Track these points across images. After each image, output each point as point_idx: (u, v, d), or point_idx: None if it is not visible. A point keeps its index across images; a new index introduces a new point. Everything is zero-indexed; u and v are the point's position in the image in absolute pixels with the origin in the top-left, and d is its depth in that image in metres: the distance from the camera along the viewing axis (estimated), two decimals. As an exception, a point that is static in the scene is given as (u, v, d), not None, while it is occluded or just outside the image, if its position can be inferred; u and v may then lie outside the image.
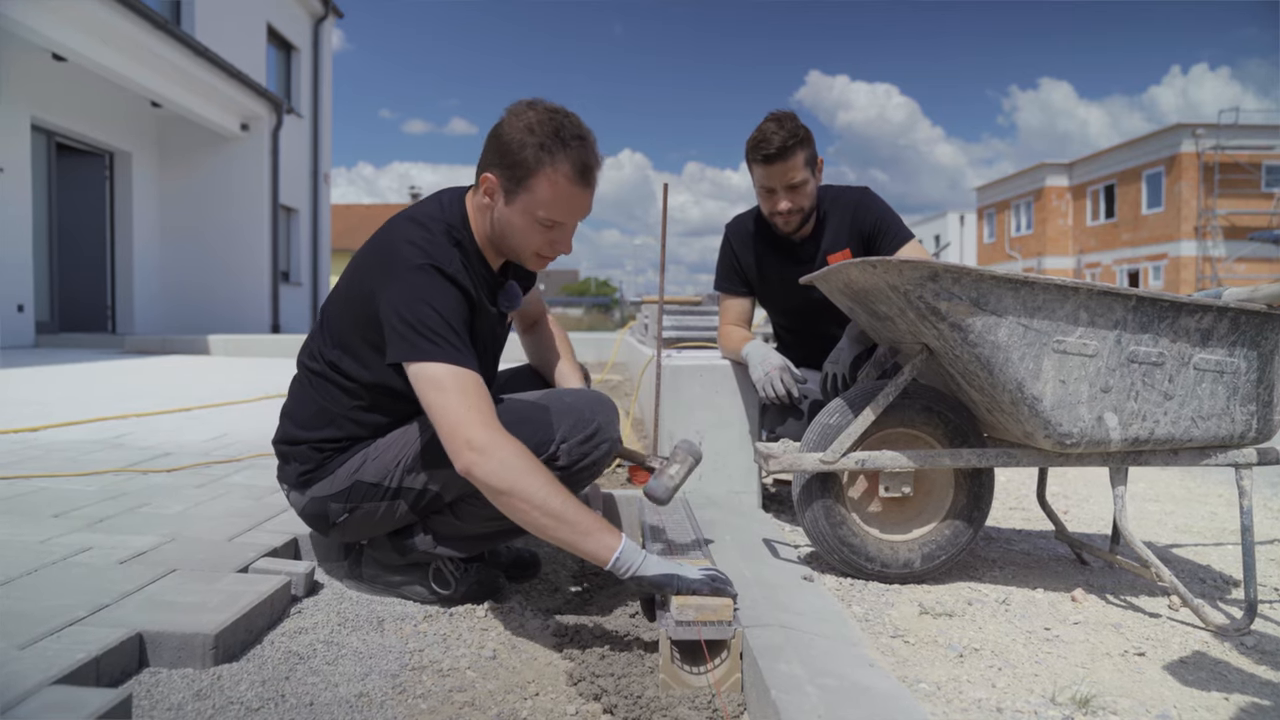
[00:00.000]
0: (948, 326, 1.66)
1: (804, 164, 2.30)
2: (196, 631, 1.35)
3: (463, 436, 1.38)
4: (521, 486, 1.36)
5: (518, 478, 1.37)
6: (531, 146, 1.51)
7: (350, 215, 33.25)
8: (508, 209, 1.58)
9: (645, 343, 5.17)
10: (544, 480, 1.38)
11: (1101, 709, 1.31)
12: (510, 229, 1.59)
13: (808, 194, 2.34)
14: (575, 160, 1.53)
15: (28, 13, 7.46)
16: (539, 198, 1.54)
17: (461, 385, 1.42)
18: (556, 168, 1.52)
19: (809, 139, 2.32)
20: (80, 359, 7.53)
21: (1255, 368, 1.74)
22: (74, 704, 1.07)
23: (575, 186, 1.55)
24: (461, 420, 1.39)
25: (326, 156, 15.77)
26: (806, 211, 2.38)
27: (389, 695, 1.32)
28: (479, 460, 1.37)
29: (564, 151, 1.52)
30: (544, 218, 1.56)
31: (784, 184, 2.31)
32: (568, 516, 1.37)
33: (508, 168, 1.54)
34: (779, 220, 2.39)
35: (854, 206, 2.44)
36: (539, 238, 1.59)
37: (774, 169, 2.29)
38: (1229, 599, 1.90)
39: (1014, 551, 2.25)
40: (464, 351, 1.46)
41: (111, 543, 1.80)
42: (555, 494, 1.37)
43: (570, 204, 1.56)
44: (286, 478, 1.72)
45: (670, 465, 1.78)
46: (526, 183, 1.54)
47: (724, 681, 1.36)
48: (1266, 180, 26.70)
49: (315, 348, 1.70)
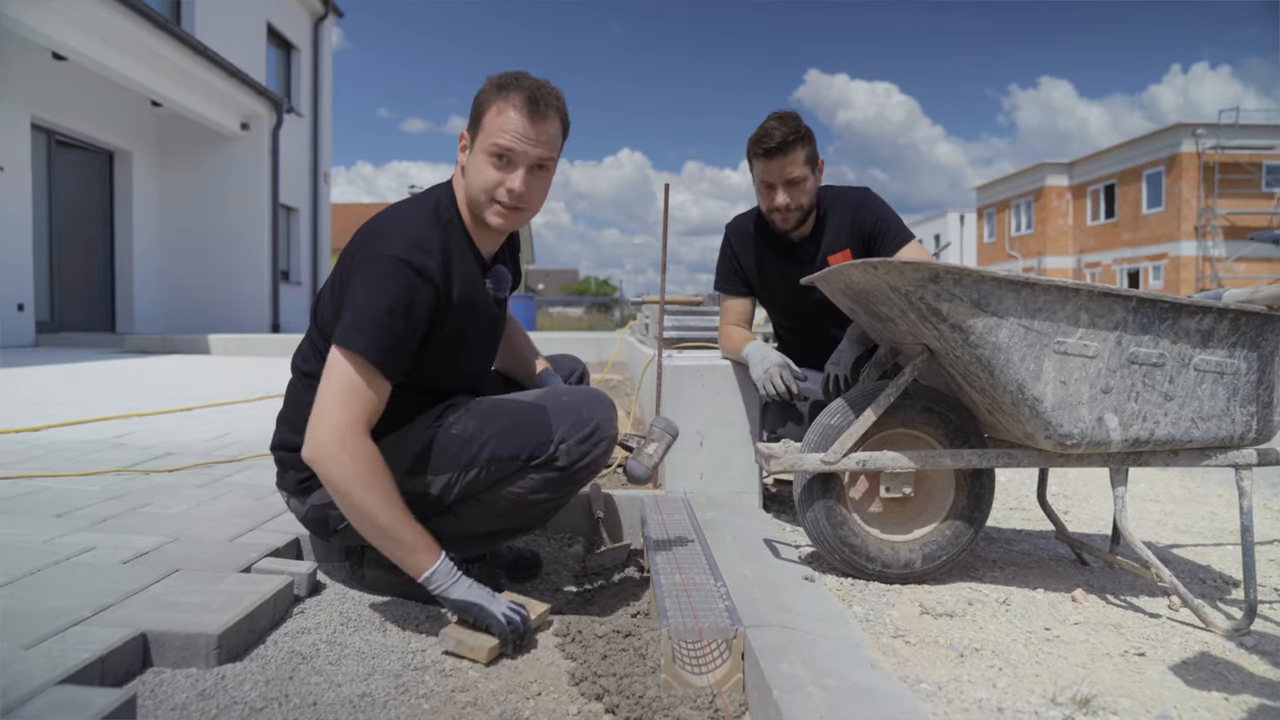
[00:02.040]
0: (949, 328, 1.67)
1: (803, 161, 2.32)
2: (200, 631, 1.35)
3: (322, 427, 1.45)
4: (356, 493, 1.44)
5: (354, 485, 1.44)
6: (490, 89, 1.58)
7: (349, 214, 33.20)
8: (471, 157, 1.62)
9: (645, 342, 5.17)
10: (381, 494, 1.45)
11: (1102, 709, 1.31)
12: (473, 179, 1.62)
13: (806, 191, 2.36)
14: (524, 91, 1.56)
15: (28, 12, 7.46)
16: (489, 127, 1.58)
17: (351, 384, 1.46)
18: (508, 98, 1.56)
19: (810, 138, 2.34)
20: (81, 358, 7.53)
21: (1255, 369, 1.75)
22: (79, 704, 1.07)
23: (521, 114, 1.56)
24: (328, 414, 1.46)
25: (326, 155, 15.77)
26: (805, 209, 2.39)
27: (392, 695, 1.33)
28: (322, 458, 1.45)
29: (515, 85, 1.57)
30: (493, 145, 1.57)
31: (783, 179, 2.33)
32: (392, 532, 1.46)
33: (471, 117, 1.61)
34: (777, 217, 2.40)
35: (854, 207, 2.45)
36: (493, 175, 1.59)
37: (774, 164, 2.31)
38: (1229, 599, 1.90)
39: (1014, 552, 2.26)
40: (387, 351, 1.48)
41: (114, 543, 1.80)
42: (386, 509, 1.46)
43: (516, 130, 1.56)
44: (286, 485, 1.72)
45: (648, 444, 1.80)
46: (481, 121, 1.59)
47: (725, 682, 1.36)
48: (1267, 180, 26.70)
49: (308, 349, 1.70)
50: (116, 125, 10.90)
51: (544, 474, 1.58)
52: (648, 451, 1.79)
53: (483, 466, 1.57)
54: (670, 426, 1.83)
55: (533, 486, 1.59)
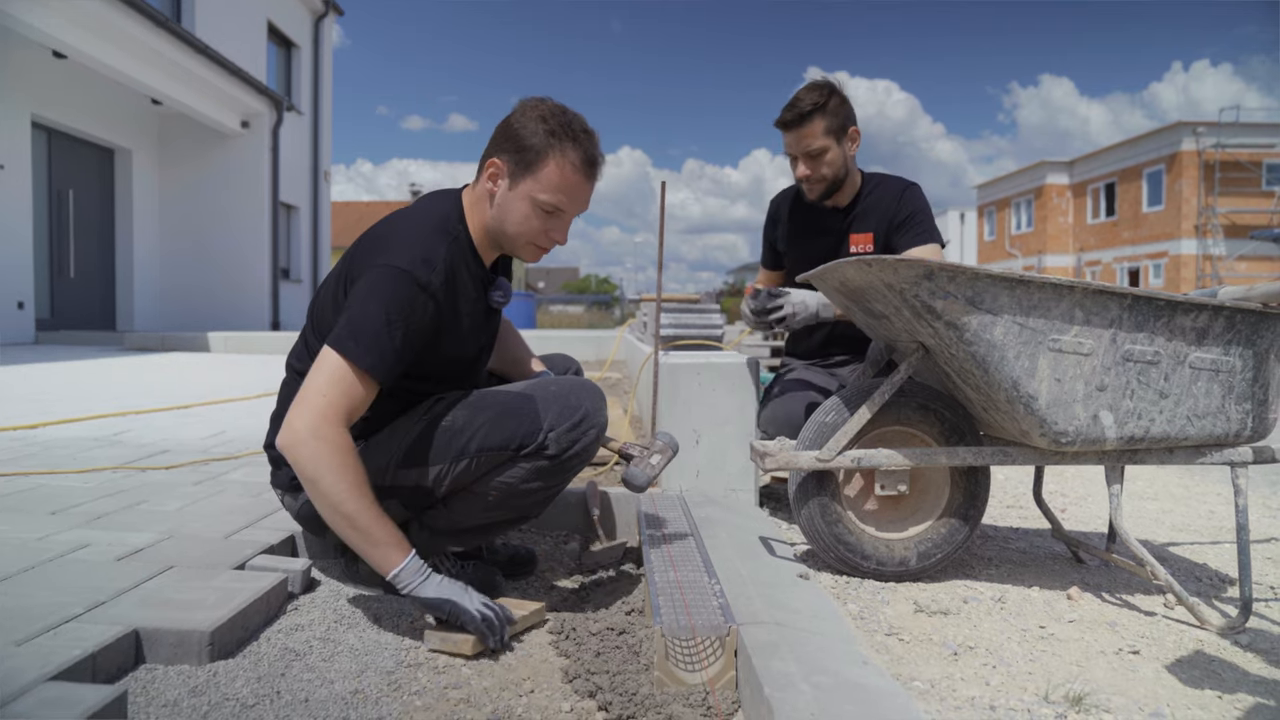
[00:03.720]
0: (943, 325, 1.67)
1: (823, 132, 2.31)
2: (192, 628, 1.35)
3: (298, 415, 1.44)
4: (325, 480, 1.41)
5: (324, 471, 1.41)
6: (543, 134, 1.56)
7: (349, 213, 33.24)
8: (511, 193, 1.60)
9: (644, 340, 5.17)
10: (350, 485, 1.42)
11: (1094, 707, 1.31)
12: (510, 214, 1.61)
13: (828, 163, 2.35)
14: (583, 150, 1.58)
15: (28, 10, 7.47)
16: (545, 181, 1.57)
17: (336, 378, 1.45)
18: (565, 154, 1.57)
19: (835, 109, 2.32)
20: (80, 356, 7.53)
21: (1250, 366, 1.74)
22: (69, 700, 1.07)
23: (580, 175, 1.59)
24: (306, 403, 1.44)
25: (327, 154, 15.77)
26: (829, 180, 2.39)
27: (384, 692, 1.33)
28: (294, 444, 1.43)
29: (573, 141, 1.57)
30: (546, 201, 1.58)
31: (801, 150, 2.34)
32: (360, 523, 1.43)
33: (517, 152, 1.58)
34: (805, 187, 2.43)
35: (896, 196, 2.45)
36: (537, 223, 1.61)
37: (791, 135, 2.33)
38: (1225, 597, 1.90)
39: (1011, 550, 2.25)
40: (381, 358, 1.47)
41: (109, 540, 1.80)
42: (355, 499, 1.42)
43: (573, 192, 1.60)
44: (279, 482, 1.72)
45: (651, 455, 1.82)
46: (534, 166, 1.57)
47: (719, 679, 1.36)
48: (1267, 178, 26.68)
49: (302, 348, 1.70)
50: (117, 123, 10.91)
51: (534, 463, 1.58)
52: (650, 461, 1.81)
53: (472, 457, 1.57)
54: (673, 442, 1.86)
55: (523, 476, 1.59)
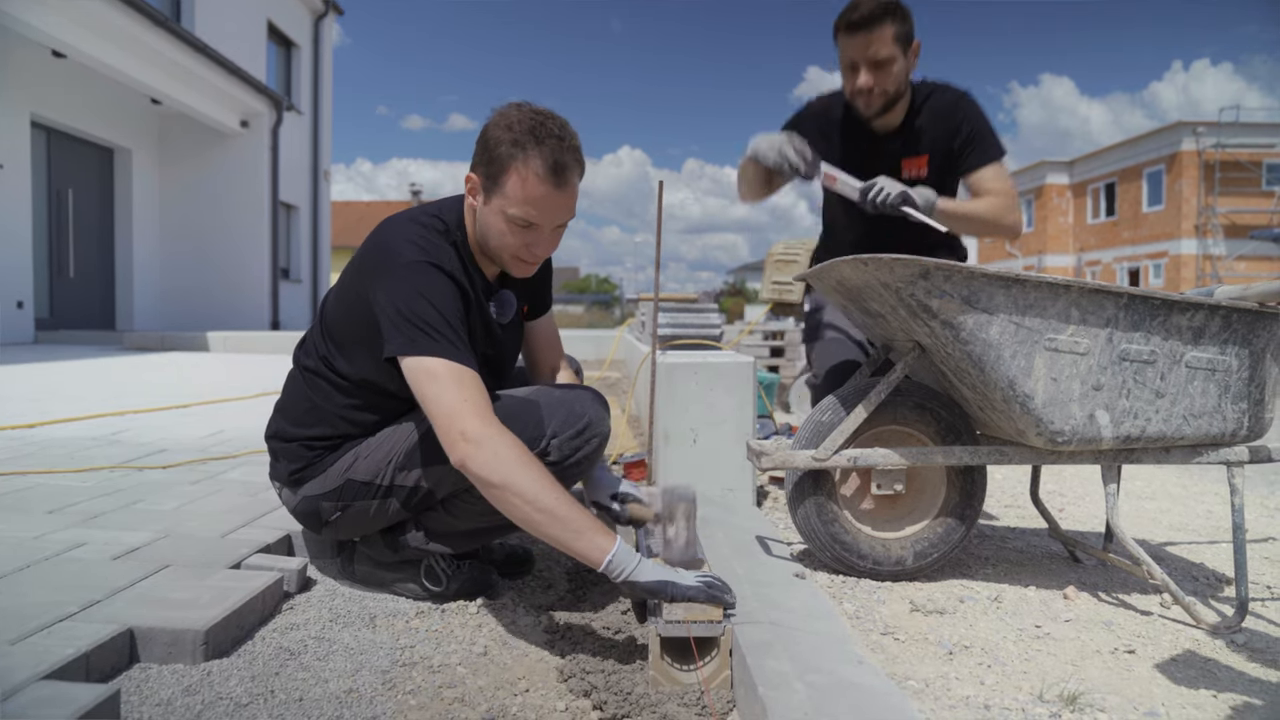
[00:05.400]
0: (939, 324, 1.67)
1: (893, 39, 2.10)
2: (187, 628, 1.35)
3: (457, 428, 1.38)
4: (515, 480, 1.35)
5: (511, 470, 1.35)
6: (506, 143, 1.49)
7: (349, 212, 33.25)
8: (486, 208, 1.56)
9: (643, 340, 5.17)
10: (538, 475, 1.36)
11: (1089, 706, 1.31)
12: (489, 229, 1.58)
13: (893, 75, 2.13)
14: (547, 157, 1.48)
15: (28, 9, 7.46)
16: (509, 195, 1.51)
17: (457, 377, 1.42)
18: (528, 164, 1.48)
19: (904, 15, 2.12)
20: (79, 355, 7.53)
21: (1247, 366, 1.74)
22: (63, 699, 1.07)
23: (545, 185, 1.50)
24: (456, 412, 1.39)
25: (327, 153, 15.76)
26: (890, 95, 2.17)
27: (378, 691, 1.33)
28: (473, 452, 1.36)
29: (536, 148, 1.48)
30: (515, 215, 1.52)
31: (867, 58, 2.10)
32: (560, 513, 1.34)
33: (485, 164, 1.53)
34: (860, 101, 2.18)
35: (950, 109, 2.23)
36: (514, 238, 1.56)
37: (857, 39, 2.10)
38: (1221, 597, 1.90)
39: (1007, 549, 2.25)
40: (460, 347, 1.46)
41: (105, 539, 1.80)
42: (548, 490, 1.35)
43: (541, 203, 1.51)
44: (278, 475, 1.72)
45: (668, 526, 1.56)
46: (499, 179, 1.51)
47: (713, 679, 1.36)
48: (1267, 178, 26.66)
49: (311, 344, 1.71)
50: (116, 123, 10.89)
51: None
52: (670, 535, 1.55)
53: None
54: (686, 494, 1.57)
55: None
